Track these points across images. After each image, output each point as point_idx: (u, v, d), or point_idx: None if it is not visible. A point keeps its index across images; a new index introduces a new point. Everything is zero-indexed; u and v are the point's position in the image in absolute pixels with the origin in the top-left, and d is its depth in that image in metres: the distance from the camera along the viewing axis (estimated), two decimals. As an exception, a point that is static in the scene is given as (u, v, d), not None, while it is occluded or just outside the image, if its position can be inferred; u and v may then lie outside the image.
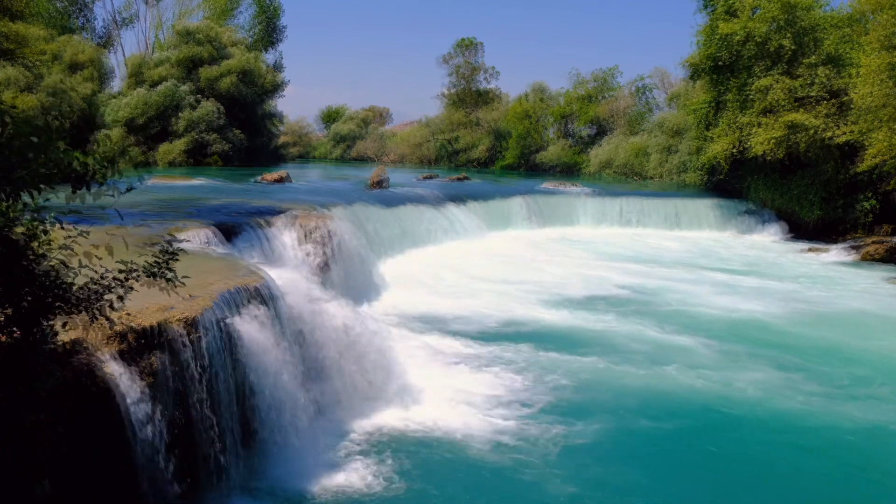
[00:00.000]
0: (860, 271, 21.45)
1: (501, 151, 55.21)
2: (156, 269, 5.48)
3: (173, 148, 42.00)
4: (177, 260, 5.67)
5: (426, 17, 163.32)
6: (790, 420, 9.65)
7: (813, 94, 26.41)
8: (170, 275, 5.53)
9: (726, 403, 10.12)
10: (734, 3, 28.63)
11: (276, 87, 51.32)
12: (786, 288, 18.39)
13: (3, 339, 4.87)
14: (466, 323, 13.83)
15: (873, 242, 24.10)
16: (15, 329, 4.89)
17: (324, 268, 14.39)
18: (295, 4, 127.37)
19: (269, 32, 56.35)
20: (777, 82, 26.87)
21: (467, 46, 59.70)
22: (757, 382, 10.93)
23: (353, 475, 7.66)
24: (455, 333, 13.05)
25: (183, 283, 5.65)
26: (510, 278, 18.24)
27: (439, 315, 14.30)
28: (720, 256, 23.52)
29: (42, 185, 4.71)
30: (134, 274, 5.40)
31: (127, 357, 6.00)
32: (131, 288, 5.41)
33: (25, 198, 4.76)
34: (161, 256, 5.55)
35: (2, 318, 4.83)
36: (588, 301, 16.09)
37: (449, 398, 9.79)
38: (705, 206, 29.91)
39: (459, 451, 8.38)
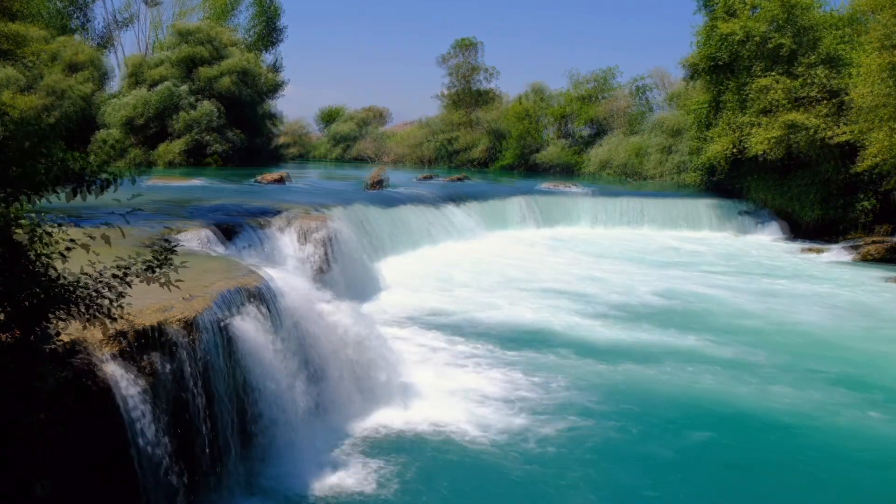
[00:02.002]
0: (864, 272, 21.38)
1: (500, 151, 55.15)
2: (154, 264, 5.47)
3: (172, 148, 41.97)
4: (175, 253, 5.66)
5: (426, 17, 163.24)
6: (844, 432, 9.27)
7: (813, 94, 26.41)
8: (167, 269, 5.51)
9: (772, 414, 9.77)
10: (733, 2, 28.62)
11: (276, 87, 51.35)
12: (804, 291, 18.10)
13: (3, 338, 4.87)
14: (467, 323, 13.81)
15: (873, 242, 24.09)
16: (15, 329, 4.89)
17: (323, 268, 14.39)
18: (295, 4, 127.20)
19: (268, 33, 56.37)
20: (777, 82, 26.87)
21: (466, 46, 59.58)
22: (805, 393, 10.53)
23: (353, 475, 7.65)
24: (455, 333, 13.03)
25: (180, 282, 5.64)
26: (512, 278, 18.24)
27: (439, 315, 14.30)
28: (723, 257, 23.47)
29: (41, 186, 4.72)
30: (133, 269, 5.39)
31: (126, 357, 6.00)
32: (129, 285, 5.40)
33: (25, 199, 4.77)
34: (158, 253, 5.54)
35: (2, 318, 4.83)
36: (591, 301, 16.08)
37: (449, 398, 9.79)
38: (705, 206, 29.91)
39: (460, 451, 8.37)
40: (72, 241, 5.01)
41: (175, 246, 5.76)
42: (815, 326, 14.59)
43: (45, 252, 4.91)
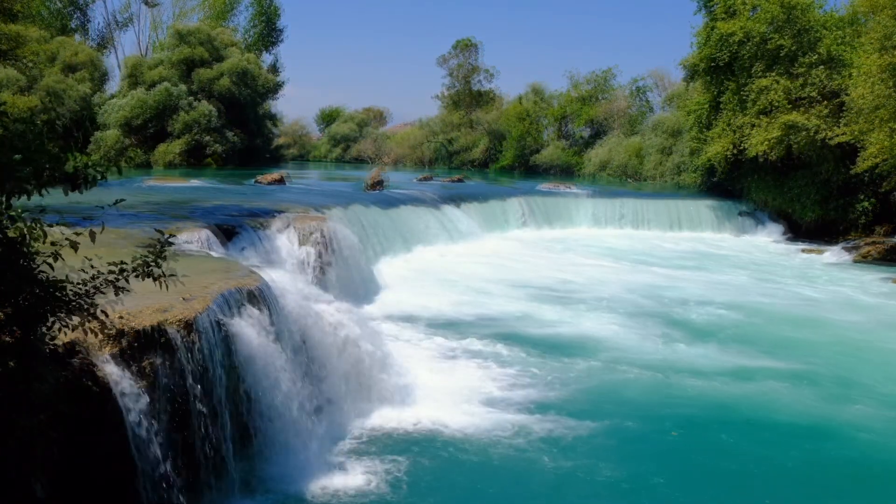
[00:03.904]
0: (865, 273, 21.28)
1: (500, 152, 55.15)
2: (149, 259, 5.42)
3: (171, 149, 41.93)
4: (171, 245, 5.60)
5: (426, 17, 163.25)
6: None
7: (812, 94, 26.39)
8: (163, 267, 5.46)
9: (808, 425, 9.55)
10: (733, 2, 28.62)
11: (275, 88, 51.33)
12: (819, 294, 17.94)
13: (3, 338, 4.85)
14: (466, 324, 13.78)
15: (872, 243, 24.10)
16: (15, 329, 4.87)
17: (322, 269, 14.38)
18: (295, 4, 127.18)
19: (268, 33, 56.39)
20: (776, 83, 26.86)
21: (465, 46, 59.60)
22: (857, 409, 10.15)
23: (352, 475, 7.64)
24: (454, 334, 13.00)
25: (174, 278, 5.58)
26: (512, 279, 18.21)
27: (438, 316, 14.27)
28: (726, 258, 23.41)
29: (36, 187, 4.70)
30: (131, 265, 5.36)
31: (126, 358, 5.99)
32: (127, 282, 5.36)
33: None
34: (153, 250, 5.48)
35: (2, 317, 4.81)
36: (595, 300, 16.05)
37: (448, 398, 9.77)
38: (704, 207, 29.92)
39: (459, 450, 8.36)
40: (68, 241, 4.99)
41: (171, 236, 5.71)
42: (831, 330, 14.42)
43: (42, 251, 4.89)
